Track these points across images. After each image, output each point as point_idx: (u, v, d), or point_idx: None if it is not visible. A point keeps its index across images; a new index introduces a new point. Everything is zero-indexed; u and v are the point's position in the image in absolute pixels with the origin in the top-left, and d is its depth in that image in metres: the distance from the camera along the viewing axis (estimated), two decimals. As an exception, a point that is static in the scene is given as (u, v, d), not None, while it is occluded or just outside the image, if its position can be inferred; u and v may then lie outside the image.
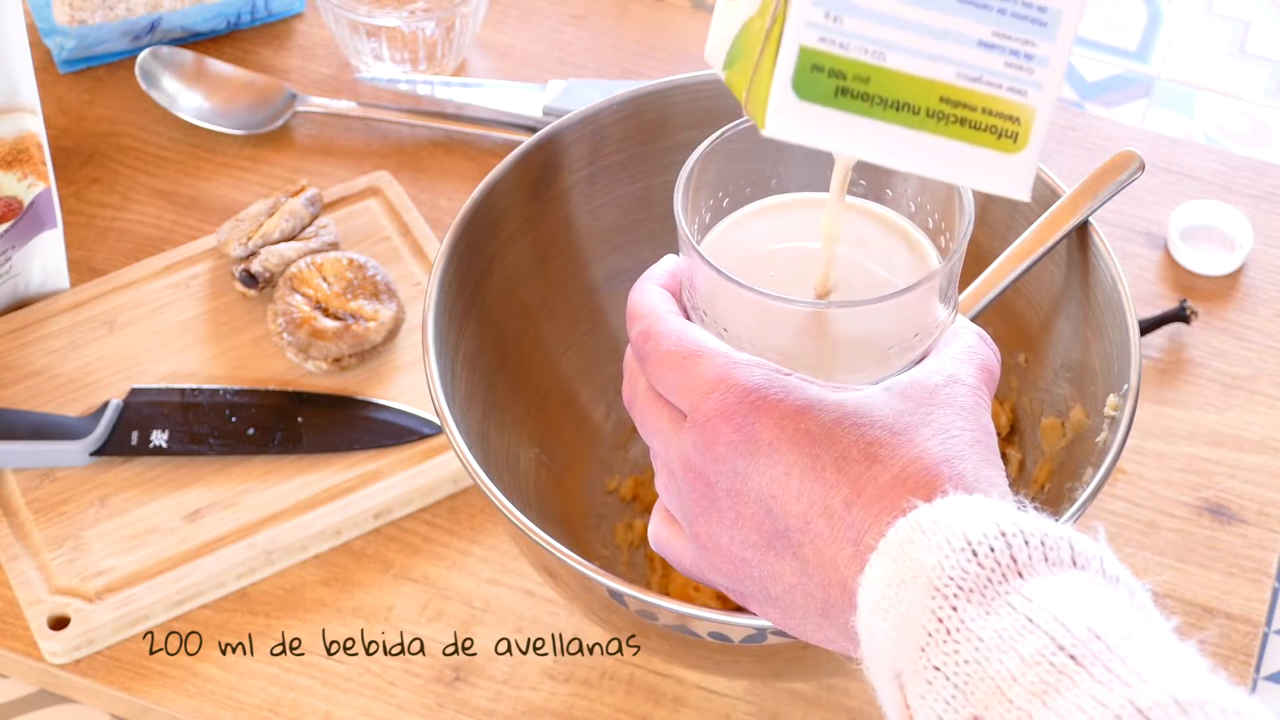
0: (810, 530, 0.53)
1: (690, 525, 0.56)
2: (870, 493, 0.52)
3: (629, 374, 0.59)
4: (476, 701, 0.76)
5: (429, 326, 0.68)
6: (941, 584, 0.48)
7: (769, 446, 0.53)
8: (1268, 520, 0.82)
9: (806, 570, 0.53)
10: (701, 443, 0.54)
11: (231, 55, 1.02)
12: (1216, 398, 0.86)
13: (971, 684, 0.46)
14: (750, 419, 0.53)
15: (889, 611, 0.49)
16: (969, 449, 0.53)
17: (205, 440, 0.82)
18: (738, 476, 0.54)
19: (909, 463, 0.52)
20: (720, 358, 0.54)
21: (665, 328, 0.56)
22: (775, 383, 0.54)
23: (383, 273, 0.87)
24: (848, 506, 0.52)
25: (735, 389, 0.53)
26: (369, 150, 0.97)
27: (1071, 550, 0.48)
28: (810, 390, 0.54)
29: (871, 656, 0.50)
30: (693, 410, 0.54)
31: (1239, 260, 0.91)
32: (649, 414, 0.57)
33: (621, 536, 0.79)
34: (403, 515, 0.81)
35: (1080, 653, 0.45)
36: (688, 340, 0.56)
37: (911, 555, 0.49)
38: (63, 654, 0.77)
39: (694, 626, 0.62)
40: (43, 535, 0.79)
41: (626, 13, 1.04)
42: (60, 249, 0.88)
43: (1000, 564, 0.48)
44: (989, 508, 0.49)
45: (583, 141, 0.76)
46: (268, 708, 0.76)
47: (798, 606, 0.54)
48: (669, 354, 0.55)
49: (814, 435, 0.53)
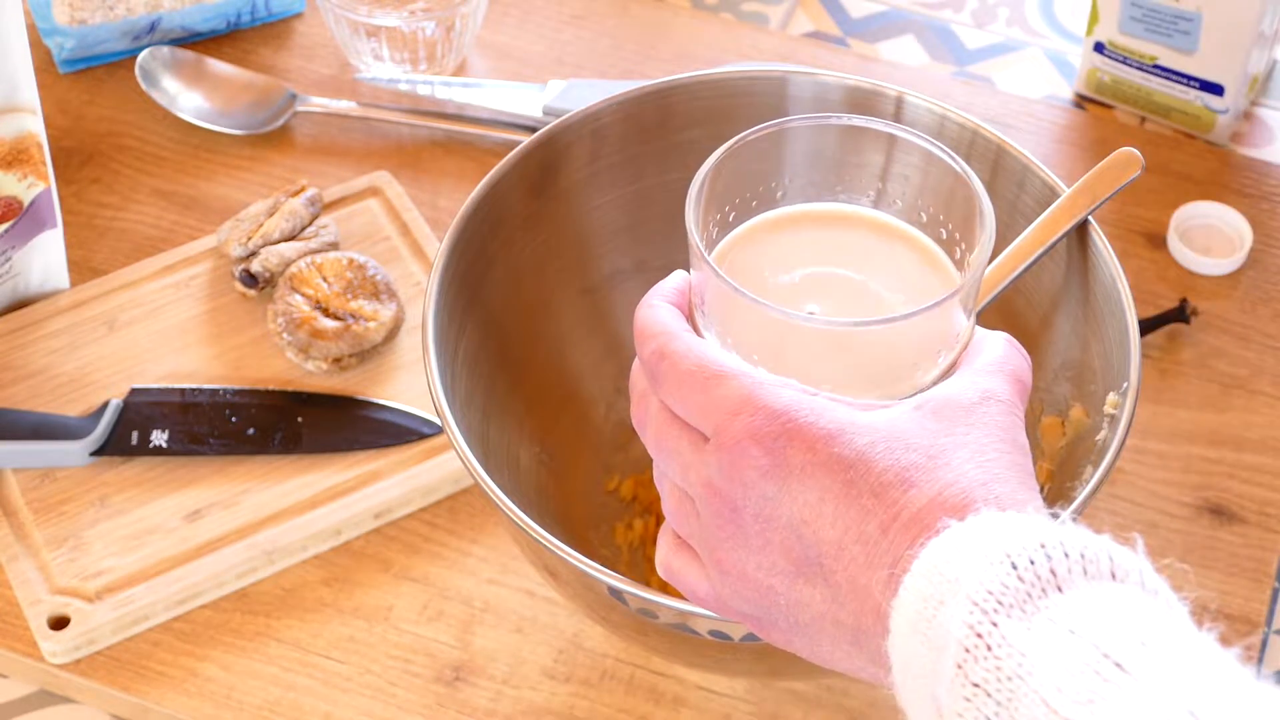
0: (844, 557, 0.51)
1: (711, 552, 0.54)
2: (906, 517, 0.50)
3: (638, 394, 0.57)
4: (476, 701, 0.76)
5: (429, 326, 0.68)
6: (980, 598, 0.46)
7: (801, 471, 0.51)
8: (1268, 520, 0.82)
9: (838, 598, 0.52)
10: (728, 466, 0.52)
11: (231, 55, 1.02)
12: (1216, 398, 0.86)
13: (1015, 699, 0.45)
14: (781, 442, 0.51)
15: (925, 632, 0.48)
16: (1006, 471, 0.52)
17: (205, 440, 0.82)
18: (767, 501, 0.52)
19: (945, 486, 0.50)
20: (744, 378, 0.53)
21: (681, 347, 0.55)
22: (804, 404, 0.52)
23: (383, 273, 0.87)
24: (883, 532, 0.50)
25: (763, 411, 0.52)
26: (369, 150, 0.97)
27: (1111, 563, 0.47)
28: (840, 412, 0.52)
29: (905, 680, 0.49)
30: (717, 433, 0.53)
31: (1239, 260, 0.91)
32: (665, 436, 0.55)
33: (621, 536, 0.79)
34: (403, 515, 0.81)
35: (1127, 660, 0.44)
36: (707, 360, 0.54)
37: (947, 572, 0.47)
38: (63, 654, 0.77)
39: (694, 625, 0.62)
40: (43, 535, 0.79)
41: (626, 13, 1.04)
42: (60, 249, 0.88)
43: (1040, 577, 0.46)
44: (1026, 522, 0.48)
45: (583, 141, 0.76)
46: (268, 708, 0.76)
47: (827, 635, 0.53)
48: (688, 374, 0.54)
49: (848, 460, 0.51)
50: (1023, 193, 0.73)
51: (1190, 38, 0.94)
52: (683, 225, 0.79)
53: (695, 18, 1.04)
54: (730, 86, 0.76)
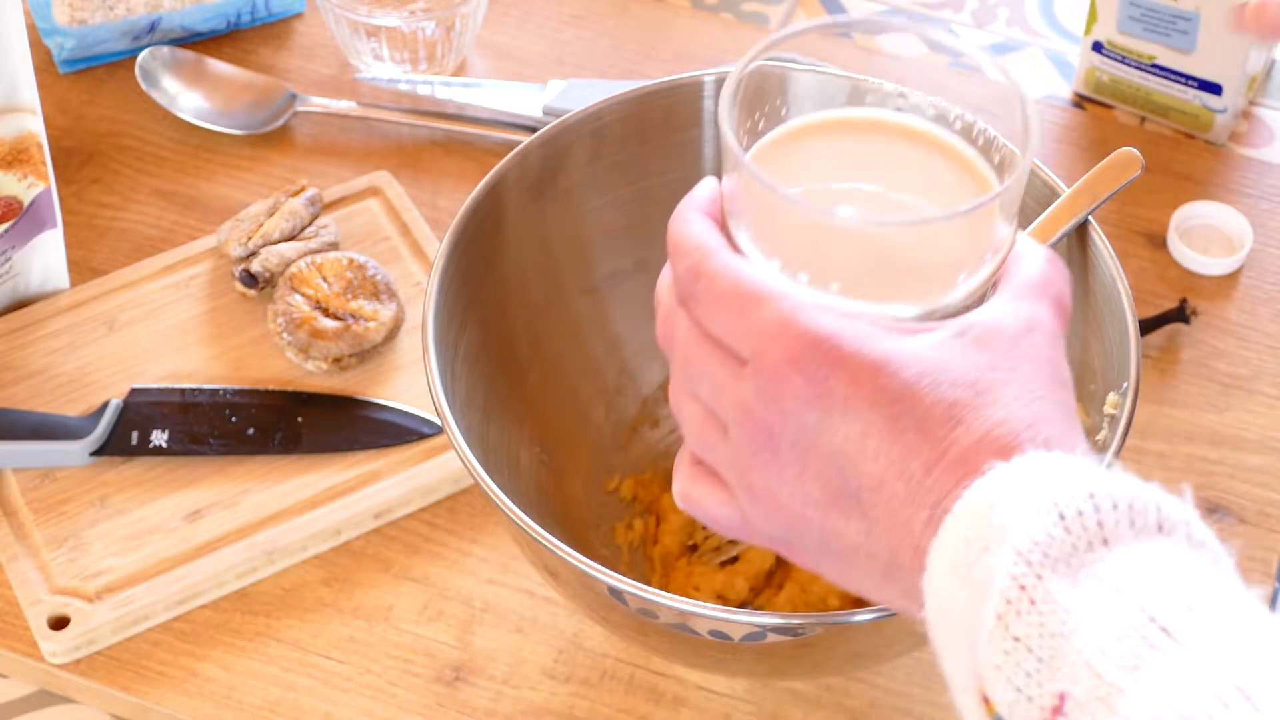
0: (884, 492, 0.50)
1: (741, 475, 0.53)
2: (952, 457, 0.49)
3: (664, 310, 0.55)
4: (476, 701, 0.76)
5: (429, 326, 0.68)
6: (1025, 549, 0.45)
7: (845, 403, 0.50)
8: (1268, 520, 0.82)
9: (874, 531, 0.50)
10: (767, 392, 0.50)
11: (231, 55, 1.02)
12: (1216, 398, 0.86)
13: (1057, 658, 0.44)
14: (824, 372, 0.50)
15: (965, 575, 0.46)
16: (1053, 411, 0.50)
17: (205, 440, 0.82)
18: (807, 430, 0.50)
19: (994, 426, 0.49)
20: (784, 300, 0.51)
21: (718, 265, 0.52)
22: (848, 331, 0.50)
23: (383, 273, 0.87)
24: (927, 470, 0.49)
25: (804, 336, 0.50)
26: (369, 150, 0.97)
27: (1159, 514, 0.46)
28: (885, 340, 0.50)
29: (939, 620, 0.48)
30: (756, 357, 0.51)
31: (1239, 260, 0.91)
32: (695, 356, 0.53)
33: (621, 536, 0.79)
34: (403, 515, 0.81)
35: (1173, 625, 0.43)
36: (744, 279, 0.52)
37: (993, 519, 0.46)
38: (63, 654, 0.77)
39: (694, 624, 0.62)
40: (43, 535, 0.79)
41: (626, 13, 1.04)
42: (60, 249, 0.88)
43: (1087, 529, 0.45)
44: (1075, 469, 0.47)
45: (583, 141, 0.76)
46: (268, 708, 0.76)
47: (858, 565, 0.52)
48: (726, 294, 0.52)
49: (893, 393, 0.49)
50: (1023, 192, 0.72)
51: (1188, 37, 0.94)
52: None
53: (695, 18, 1.04)
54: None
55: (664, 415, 0.82)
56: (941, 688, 0.76)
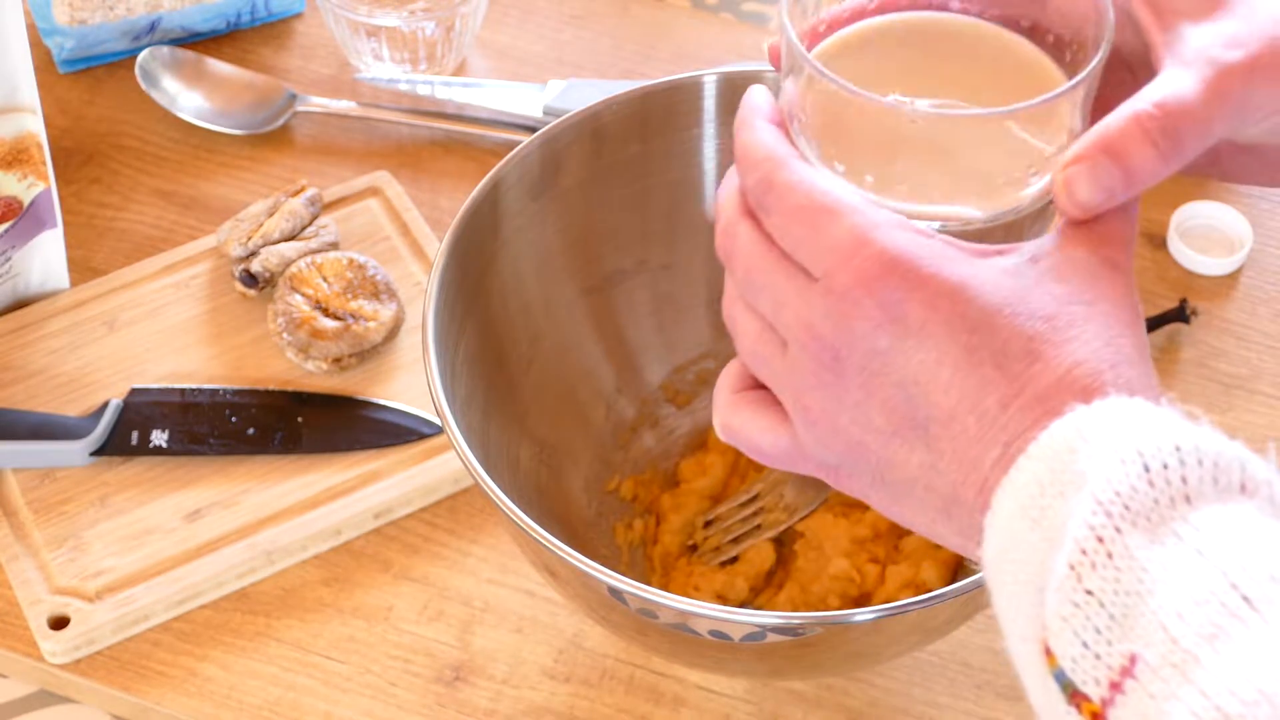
0: (954, 425, 0.48)
1: (798, 396, 0.51)
2: (1030, 394, 0.47)
3: (726, 221, 0.53)
4: (476, 701, 0.76)
5: (429, 326, 0.68)
6: (1107, 499, 0.43)
7: (919, 329, 0.48)
8: (1268, 520, 0.82)
9: (938, 465, 0.49)
10: (836, 313, 0.49)
11: (231, 55, 1.02)
12: (1217, 398, 0.86)
13: (1131, 617, 0.42)
14: (899, 294, 0.48)
15: (1037, 519, 0.45)
16: (1135, 353, 0.48)
17: (205, 440, 0.82)
18: (876, 356, 0.49)
19: (1074, 365, 0.47)
20: (858, 215, 0.49)
21: (791, 176, 0.50)
22: (924, 250, 0.48)
23: (383, 273, 0.87)
24: (1003, 407, 0.47)
25: (879, 256, 0.48)
26: (369, 150, 0.97)
27: (1243, 473, 0.44)
28: (963, 264, 0.48)
29: (999, 561, 0.46)
30: (827, 275, 0.49)
31: (1239, 260, 0.91)
32: (759, 268, 0.51)
33: (621, 536, 0.79)
34: (403, 515, 0.81)
35: (1255, 594, 0.41)
36: (818, 192, 0.50)
37: (1073, 463, 0.44)
38: (63, 654, 0.76)
39: (694, 624, 0.62)
40: (43, 535, 0.79)
41: (626, 13, 1.04)
42: (60, 249, 0.88)
43: (1170, 484, 0.43)
44: (1161, 418, 0.45)
45: (583, 141, 0.76)
46: (268, 708, 0.76)
47: (914, 497, 0.50)
48: (798, 208, 0.50)
49: (971, 322, 0.48)
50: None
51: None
52: (684, 223, 0.79)
53: (695, 18, 1.04)
54: (731, 86, 0.76)
55: (664, 415, 0.82)
56: (941, 688, 0.76)
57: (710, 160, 0.78)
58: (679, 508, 0.79)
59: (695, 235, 0.79)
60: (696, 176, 0.79)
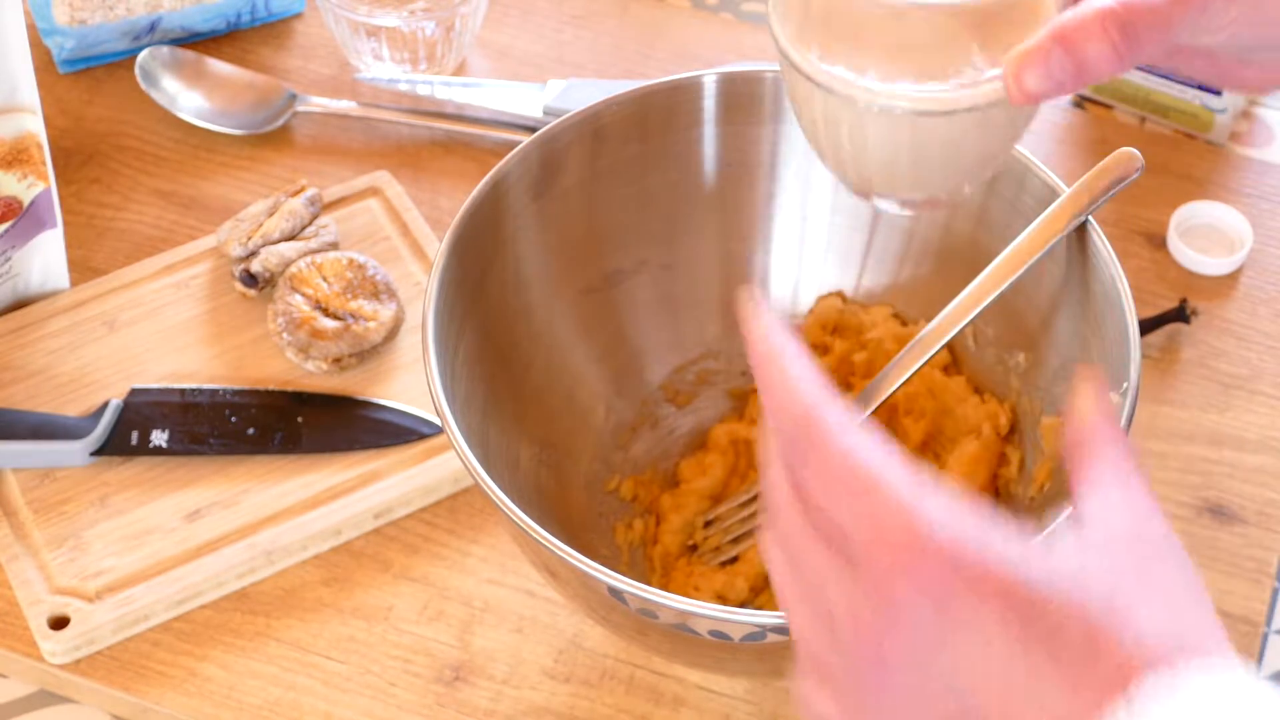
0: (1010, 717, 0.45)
1: (841, 696, 0.48)
2: (1091, 684, 0.44)
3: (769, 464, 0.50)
4: (476, 701, 0.76)
5: (429, 326, 0.68)
6: None
7: (966, 624, 0.45)
8: (1268, 520, 0.82)
9: None
10: (878, 602, 0.46)
11: (231, 55, 1.02)
12: (1216, 398, 0.86)
13: None
14: (943, 588, 0.45)
15: None
16: (1196, 607, 0.46)
17: (205, 440, 0.82)
18: (919, 651, 0.46)
19: (1136, 647, 0.44)
20: (901, 489, 0.46)
21: (831, 437, 0.47)
22: (970, 534, 0.45)
23: (383, 273, 0.87)
24: (1060, 698, 0.45)
25: (923, 544, 0.45)
26: (369, 150, 0.97)
27: None
28: (1011, 547, 0.45)
29: None
30: (868, 559, 0.46)
31: (1239, 260, 0.91)
32: (799, 539, 0.49)
33: (621, 536, 0.79)
34: (403, 515, 0.81)
35: None
36: (860, 458, 0.47)
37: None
38: (63, 654, 0.77)
39: (694, 624, 0.62)
40: (43, 535, 0.79)
41: (626, 13, 1.04)
42: (60, 249, 0.88)
43: None
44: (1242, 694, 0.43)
45: (583, 141, 0.76)
46: (268, 708, 0.76)
47: None
48: (839, 476, 0.47)
49: (1023, 615, 0.45)
50: (1023, 192, 0.73)
51: (1190, 38, 0.94)
52: (683, 225, 0.79)
53: (695, 18, 1.04)
54: (731, 85, 0.76)
55: (664, 415, 0.82)
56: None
57: (710, 160, 0.78)
58: (679, 508, 0.79)
59: (695, 235, 0.79)
60: (696, 176, 0.79)
